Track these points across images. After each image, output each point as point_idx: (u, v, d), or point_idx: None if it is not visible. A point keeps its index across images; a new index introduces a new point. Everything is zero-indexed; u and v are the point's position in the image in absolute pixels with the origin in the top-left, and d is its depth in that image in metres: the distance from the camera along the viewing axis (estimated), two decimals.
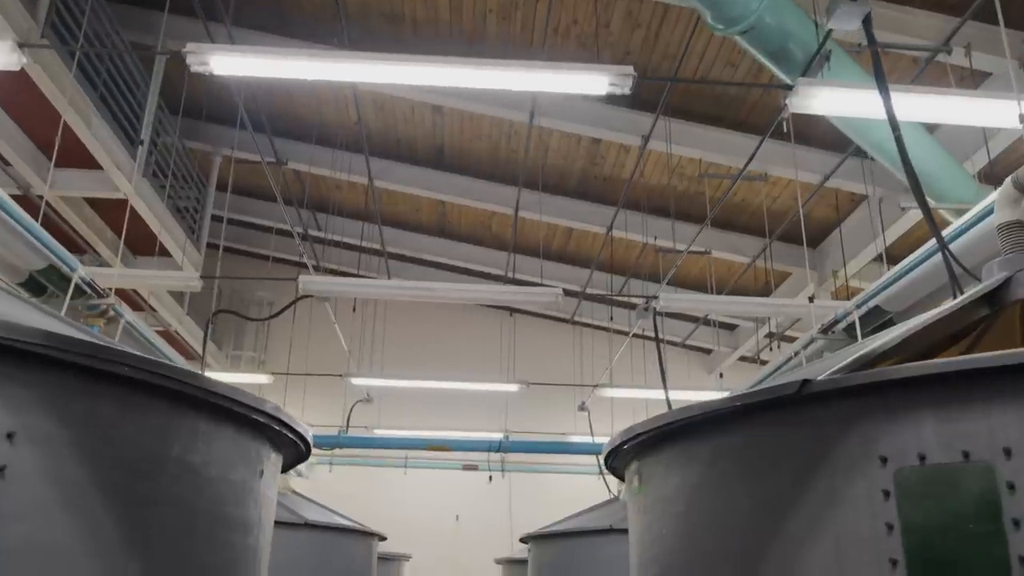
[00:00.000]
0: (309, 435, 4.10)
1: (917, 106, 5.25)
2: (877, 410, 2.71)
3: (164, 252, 11.02)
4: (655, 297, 9.00)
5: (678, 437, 3.63)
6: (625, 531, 8.10)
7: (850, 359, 3.16)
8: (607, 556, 8.03)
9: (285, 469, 4.88)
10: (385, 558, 13.73)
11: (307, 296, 10.12)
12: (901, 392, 2.27)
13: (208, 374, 10.91)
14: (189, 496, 3.03)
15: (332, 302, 11.52)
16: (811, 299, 7.78)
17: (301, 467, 17.45)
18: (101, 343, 2.68)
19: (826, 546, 2.73)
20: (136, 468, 2.87)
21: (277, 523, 8.15)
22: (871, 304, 6.55)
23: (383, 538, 9.72)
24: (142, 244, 11.27)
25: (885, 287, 6.34)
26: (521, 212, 13.30)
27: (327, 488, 16.15)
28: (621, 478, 4.92)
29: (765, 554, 2.91)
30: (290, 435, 3.87)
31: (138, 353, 2.97)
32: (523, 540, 9.82)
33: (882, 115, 5.60)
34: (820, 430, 2.80)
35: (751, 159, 9.62)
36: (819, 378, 2.81)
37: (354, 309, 14.31)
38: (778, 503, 2.93)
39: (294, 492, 9.37)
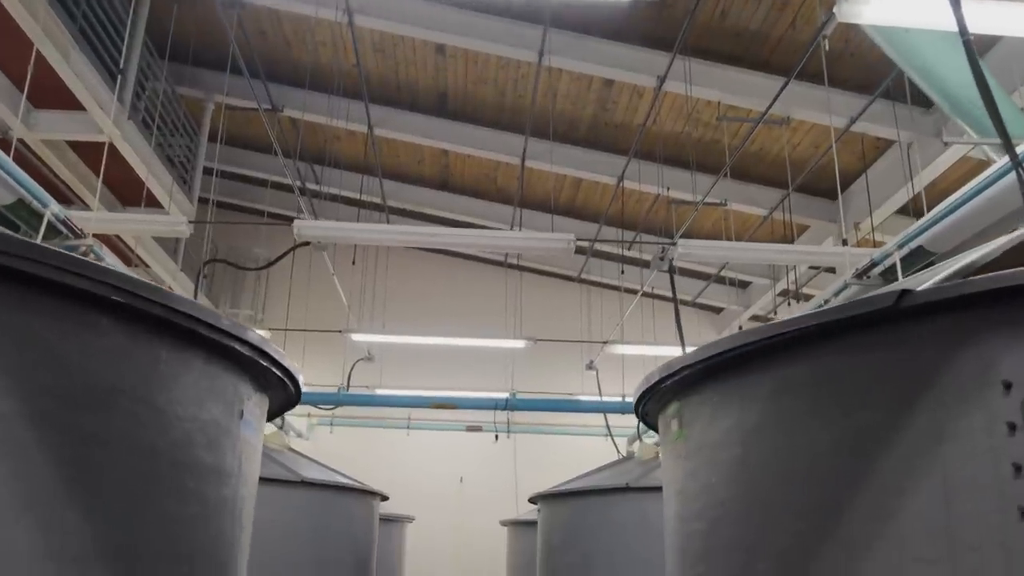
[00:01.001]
0: (299, 374, 3.58)
1: (981, 14, 4.67)
2: (1000, 324, 2.17)
3: (154, 202, 10.47)
4: (673, 244, 8.46)
5: (729, 371, 3.09)
6: (644, 490, 7.67)
7: (953, 268, 2.62)
8: (623, 516, 7.59)
9: (273, 416, 4.37)
10: (388, 520, 13.38)
11: (304, 244, 9.59)
12: None
13: None
14: (148, 436, 2.50)
15: (331, 252, 11.03)
16: (845, 242, 7.24)
17: (301, 428, 17.06)
18: (35, 243, 2.15)
19: (931, 494, 2.22)
20: (80, 400, 2.34)
21: (271, 481, 7.70)
22: (914, 244, 6.01)
23: (385, 498, 9.29)
24: (129, 192, 10.71)
25: (932, 224, 5.80)
26: (528, 162, 12.72)
27: (328, 450, 15.77)
28: (652, 427, 4.42)
29: (848, 504, 2.39)
30: (276, 372, 3.36)
31: (87, 259, 2.41)
32: (532, 500, 9.39)
33: (940, 26, 5.05)
34: (922, 352, 2.27)
35: (776, 99, 9.02)
36: (922, 287, 2.28)
37: (353, 262, 13.78)
38: (866, 443, 2.41)
39: (292, 450, 8.94)
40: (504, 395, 11.65)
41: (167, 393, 2.65)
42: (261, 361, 3.20)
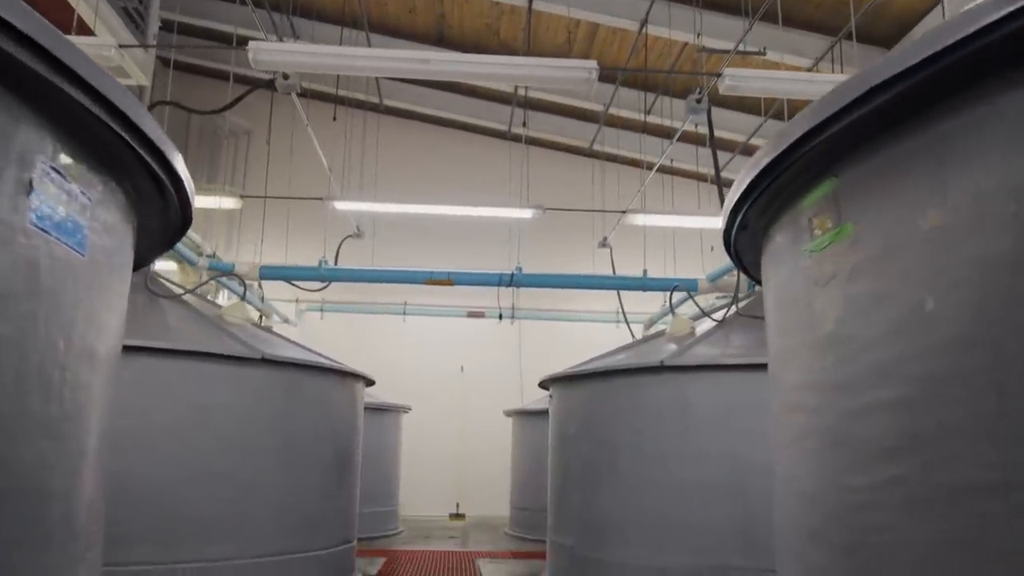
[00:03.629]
0: (170, 151, 2.12)
1: None
2: None
3: (87, 33, 8.75)
4: (718, 75, 6.84)
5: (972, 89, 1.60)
6: (684, 369, 6.32)
7: None
8: (657, 401, 6.27)
9: (161, 246, 2.92)
10: (381, 409, 12.26)
11: (269, 83, 7.99)
12: None
13: None
14: None
15: (309, 109, 9.45)
16: None
17: (288, 313, 15.79)
18: None
19: None
20: None
21: (224, 358, 6.36)
22: None
23: (370, 382, 7.99)
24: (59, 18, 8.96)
25: None
26: (536, 4, 10.91)
27: (318, 336, 14.51)
28: (743, 268, 2.98)
29: None
30: (99, 114, 1.88)
31: None
32: (543, 385, 8.11)
33: None
34: None
35: None
36: None
37: (334, 118, 12.11)
38: None
39: (259, 326, 7.59)
40: (507, 271, 10.26)
41: None
42: (67, 90, 1.72)
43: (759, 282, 3.19)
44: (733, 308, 7.16)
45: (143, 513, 5.47)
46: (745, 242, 2.81)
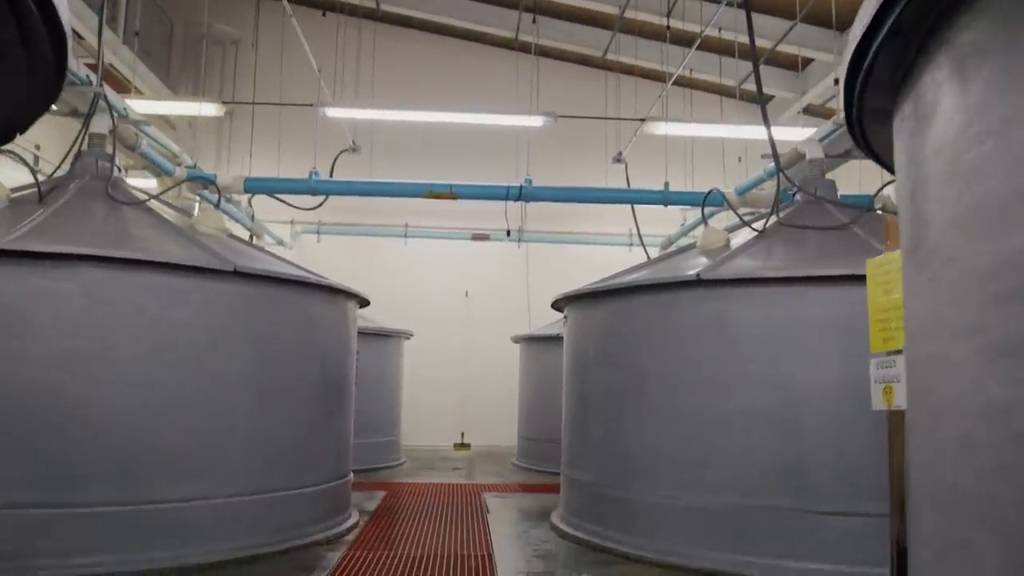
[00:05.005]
0: None
1: None
2: None
3: None
4: None
5: None
6: (723, 283, 5.49)
7: None
8: (691, 320, 5.45)
9: (34, 110, 2.02)
10: (381, 334, 11.53)
11: None
12: None
13: (136, 102, 7.21)
14: None
15: (298, 13, 8.40)
16: None
17: (283, 235, 14.94)
18: None
19: None
20: None
21: (191, 270, 5.53)
22: None
23: (365, 302, 7.20)
24: None
25: None
26: None
27: (314, 260, 13.57)
28: (862, 141, 2.11)
29: None
30: None
31: None
32: (556, 305, 7.31)
33: None
34: None
35: None
36: None
37: (324, 13, 11.01)
38: None
39: (236, 238, 6.73)
40: (515, 184, 9.36)
41: None
42: None
43: (883, 163, 2.33)
44: (773, 217, 6.29)
45: (100, 448, 4.74)
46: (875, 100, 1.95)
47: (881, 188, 6.34)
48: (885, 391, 4.10)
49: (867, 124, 2.11)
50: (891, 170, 2.49)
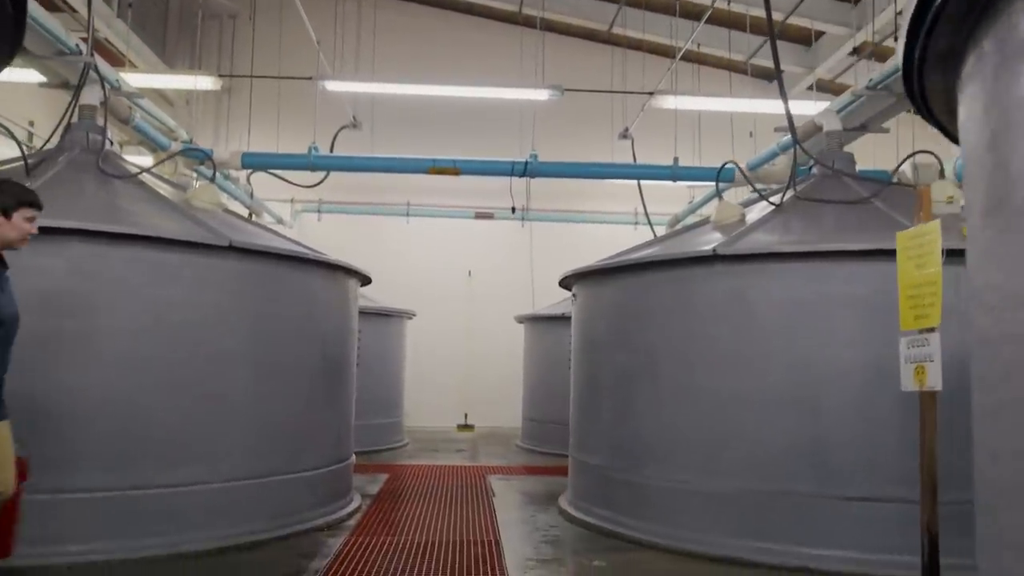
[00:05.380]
0: None
1: None
2: None
3: None
4: None
5: None
6: (742, 259, 5.26)
7: None
8: (708, 297, 5.23)
9: None
10: (383, 314, 11.31)
11: None
12: None
13: (131, 76, 6.89)
14: None
15: None
16: None
17: (283, 214, 14.69)
18: None
19: None
20: None
21: (185, 245, 5.28)
22: None
23: (366, 279, 6.97)
24: None
25: None
26: None
27: (315, 239, 13.25)
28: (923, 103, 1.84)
29: None
30: None
31: None
32: (563, 283, 7.07)
33: None
34: None
35: None
36: None
37: None
38: None
39: (233, 214, 6.49)
40: (520, 159, 9.11)
41: None
42: None
43: (938, 123, 2.10)
44: (790, 192, 6.05)
45: (90, 432, 4.54)
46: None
47: (902, 162, 6.09)
48: (917, 371, 3.88)
49: (928, 73, 1.87)
50: (945, 131, 2.25)
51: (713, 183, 11.39)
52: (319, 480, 5.69)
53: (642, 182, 9.95)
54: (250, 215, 11.76)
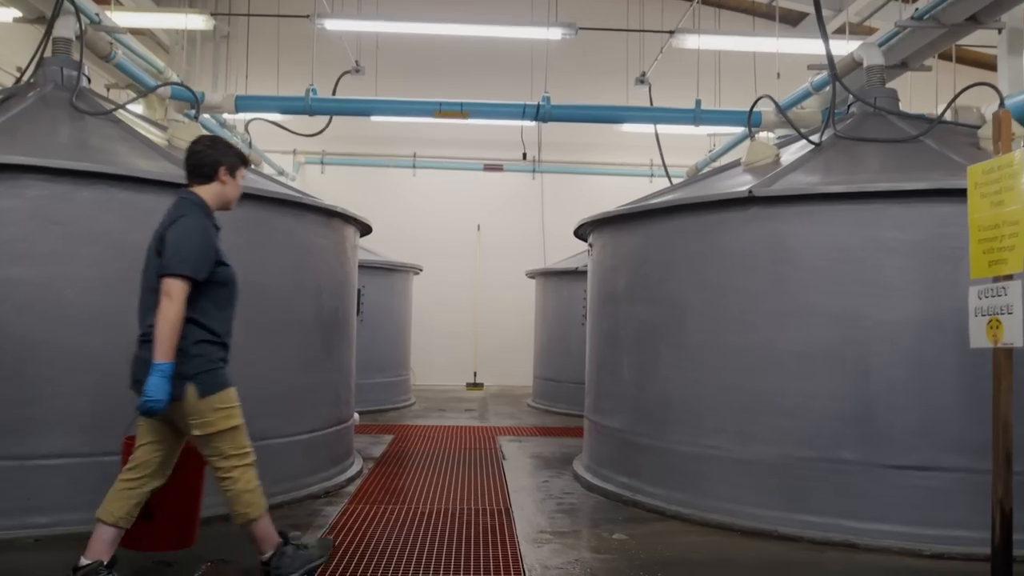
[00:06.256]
0: None
1: None
2: None
3: None
4: None
5: None
6: (782, 200, 4.72)
7: None
8: (742, 246, 4.69)
9: None
10: (388, 269, 10.82)
11: None
12: None
13: (117, 14, 6.28)
14: None
15: None
16: None
17: (285, 165, 14.15)
18: None
19: None
20: None
21: (158, 185, 4.64)
22: None
23: (366, 228, 6.47)
24: None
25: None
26: None
27: (318, 192, 12.64)
28: None
29: None
30: None
31: None
32: (579, 232, 6.56)
33: None
34: None
35: None
36: None
37: None
38: None
39: None
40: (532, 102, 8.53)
41: None
42: None
43: None
44: (829, 131, 5.49)
45: (58, 392, 4.09)
46: None
47: (958, 95, 5.49)
48: (990, 325, 3.37)
49: None
50: None
51: (736, 129, 10.92)
52: (316, 443, 5.26)
53: (660, 131, 9.37)
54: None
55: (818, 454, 4.26)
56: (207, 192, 3.33)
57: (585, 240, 6.58)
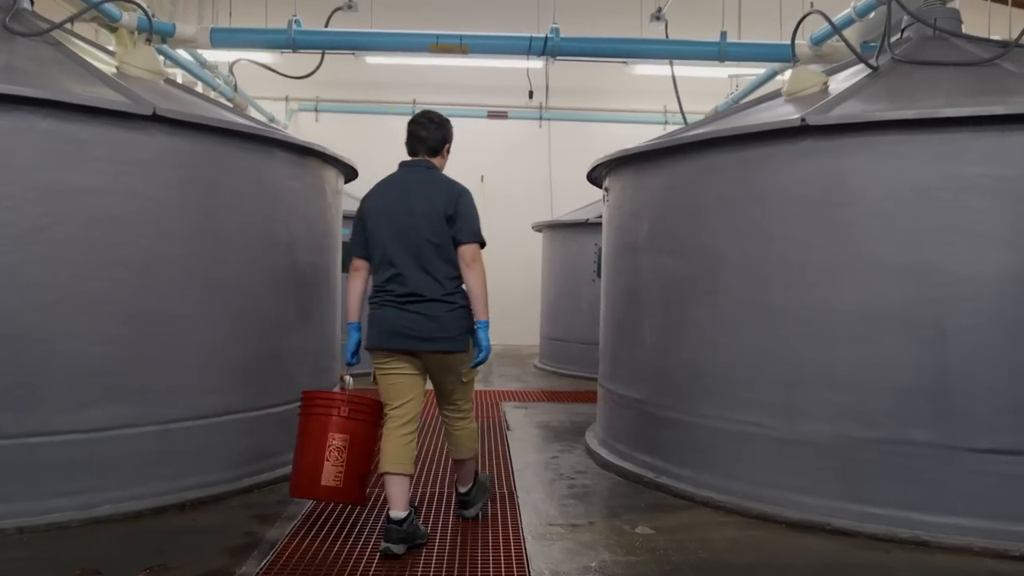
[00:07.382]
0: None
1: None
2: None
3: None
4: None
5: None
6: (837, 130, 3.88)
7: None
8: (791, 186, 3.92)
9: None
10: None
11: None
12: None
13: None
14: None
15: None
16: None
17: (277, 113, 13.34)
18: None
19: None
20: None
21: (93, 113, 3.79)
22: None
23: (352, 172, 5.75)
24: None
25: None
26: None
27: (312, 140, 12.08)
28: None
29: None
30: None
31: None
32: (593, 176, 5.80)
33: None
34: None
35: None
36: None
37: None
38: None
39: (175, 83, 5.22)
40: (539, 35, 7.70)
41: None
42: None
43: None
44: (886, 54, 4.70)
45: None
46: None
47: None
48: None
49: None
50: None
51: (761, 70, 10.04)
52: (293, 416, 4.60)
53: (676, 74, 8.54)
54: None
55: (882, 434, 3.57)
56: (440, 166, 3.86)
57: (599, 186, 5.83)
